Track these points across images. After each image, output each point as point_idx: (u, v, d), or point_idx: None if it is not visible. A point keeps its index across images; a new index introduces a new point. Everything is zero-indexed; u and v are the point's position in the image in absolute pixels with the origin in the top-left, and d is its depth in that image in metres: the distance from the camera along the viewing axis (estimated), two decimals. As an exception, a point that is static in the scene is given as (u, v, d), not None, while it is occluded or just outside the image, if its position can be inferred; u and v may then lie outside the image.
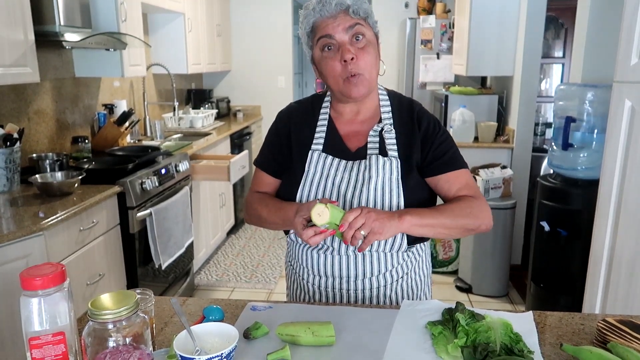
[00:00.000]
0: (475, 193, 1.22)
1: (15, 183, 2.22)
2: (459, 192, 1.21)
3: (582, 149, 2.44)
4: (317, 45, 1.17)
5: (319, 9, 1.14)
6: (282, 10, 5.33)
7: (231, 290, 3.45)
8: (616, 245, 1.95)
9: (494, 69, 3.63)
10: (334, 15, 1.13)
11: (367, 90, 1.18)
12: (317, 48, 1.17)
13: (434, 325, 1.02)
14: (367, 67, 1.15)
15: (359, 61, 1.14)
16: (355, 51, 1.13)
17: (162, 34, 4.11)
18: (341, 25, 1.13)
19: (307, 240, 1.07)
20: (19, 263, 1.75)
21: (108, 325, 0.78)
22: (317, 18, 1.15)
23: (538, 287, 2.74)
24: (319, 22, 1.15)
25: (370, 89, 1.20)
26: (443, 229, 1.15)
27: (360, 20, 1.15)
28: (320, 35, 1.15)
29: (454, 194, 1.22)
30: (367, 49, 1.15)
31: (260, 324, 1.03)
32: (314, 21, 1.16)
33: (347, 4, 1.13)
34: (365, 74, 1.15)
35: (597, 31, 2.44)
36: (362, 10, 1.15)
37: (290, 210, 1.16)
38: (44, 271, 0.79)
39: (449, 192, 1.22)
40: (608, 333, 0.96)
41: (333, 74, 1.16)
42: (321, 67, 1.19)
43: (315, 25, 1.16)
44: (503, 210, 3.18)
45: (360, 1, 1.15)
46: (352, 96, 1.17)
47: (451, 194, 1.22)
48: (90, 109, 3.22)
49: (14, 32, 2.06)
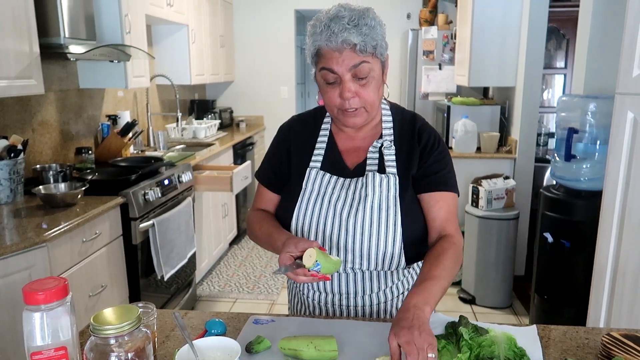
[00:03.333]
0: (456, 229, 1.18)
1: (19, 194, 2.23)
2: (442, 228, 1.17)
3: (585, 160, 2.43)
4: (319, 72, 1.13)
5: (326, 37, 1.08)
6: (285, 21, 5.37)
7: (233, 302, 3.44)
8: (620, 256, 1.94)
9: (496, 80, 3.64)
10: (339, 50, 1.08)
11: (365, 120, 1.17)
12: (319, 75, 1.14)
13: (438, 340, 1.01)
14: (367, 101, 1.13)
15: (359, 97, 1.12)
16: (356, 89, 1.11)
17: (166, 45, 4.14)
18: (345, 62, 1.08)
19: (293, 278, 1.03)
20: (22, 274, 1.75)
21: (110, 341, 0.77)
22: (322, 45, 1.10)
23: (542, 299, 2.72)
24: (324, 50, 1.10)
25: (369, 119, 1.19)
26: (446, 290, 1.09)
27: (366, 58, 1.09)
28: (323, 66, 1.11)
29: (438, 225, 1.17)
30: (369, 85, 1.12)
31: (263, 337, 1.03)
32: (319, 46, 1.10)
33: (353, 43, 1.07)
34: (364, 107, 1.14)
35: (599, 42, 2.45)
36: (370, 46, 1.09)
37: (279, 240, 1.13)
38: (47, 285, 0.79)
39: (434, 219, 1.18)
40: (613, 348, 0.96)
41: (331, 103, 1.15)
42: (321, 91, 1.17)
43: (320, 52, 1.11)
44: (506, 221, 3.17)
45: (369, 37, 1.08)
46: (348, 126, 1.17)
47: (435, 222, 1.18)
48: (94, 120, 3.24)
49: (19, 44, 2.08)
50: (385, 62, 1.16)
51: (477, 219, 3.21)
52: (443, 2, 4.96)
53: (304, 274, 1.02)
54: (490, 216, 3.18)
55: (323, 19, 1.10)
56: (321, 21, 1.10)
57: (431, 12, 4.78)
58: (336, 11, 1.09)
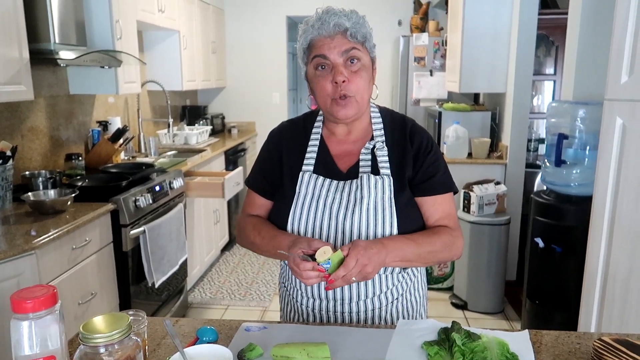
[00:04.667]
0: (454, 224, 1.24)
1: (8, 201, 2.20)
2: (440, 221, 1.22)
3: (575, 165, 2.45)
4: (311, 62, 1.17)
5: (318, 26, 1.14)
6: (276, 27, 5.38)
7: (225, 309, 3.41)
8: (610, 261, 1.95)
9: (487, 86, 3.67)
10: (331, 36, 1.13)
11: (355, 113, 1.18)
12: (311, 65, 1.17)
13: (430, 346, 1.01)
14: (358, 91, 1.16)
15: (351, 84, 1.14)
16: (347, 74, 1.14)
17: (157, 51, 4.13)
18: (337, 47, 1.13)
19: (303, 274, 1.04)
20: (10, 282, 1.73)
21: (100, 349, 0.76)
22: (314, 36, 1.15)
23: (533, 304, 2.73)
24: (316, 40, 1.15)
25: (359, 113, 1.20)
26: (420, 263, 1.18)
27: (357, 45, 1.14)
28: (315, 54, 1.15)
29: (436, 221, 1.22)
30: (360, 73, 1.16)
31: (255, 345, 1.02)
32: (312, 38, 1.16)
33: (345, 26, 1.13)
34: (355, 97, 1.16)
35: (588, 49, 2.48)
36: (360, 34, 1.14)
37: (286, 240, 1.14)
38: (35, 294, 0.78)
39: (432, 216, 1.23)
40: (604, 353, 0.96)
41: (323, 93, 1.17)
42: (313, 85, 1.19)
43: (312, 43, 1.16)
44: (497, 227, 3.19)
45: (359, 25, 1.15)
46: (339, 117, 1.18)
47: (433, 219, 1.23)
48: (84, 126, 3.22)
49: (8, 50, 2.06)
50: (374, 60, 1.21)
51: (468, 225, 3.23)
52: (434, 9, 5.00)
53: (313, 267, 1.03)
54: (481, 221, 3.19)
55: (314, 15, 1.17)
56: (313, 17, 1.17)
57: (422, 19, 4.81)
58: (327, 8, 1.16)
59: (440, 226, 1.22)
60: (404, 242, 1.14)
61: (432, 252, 1.17)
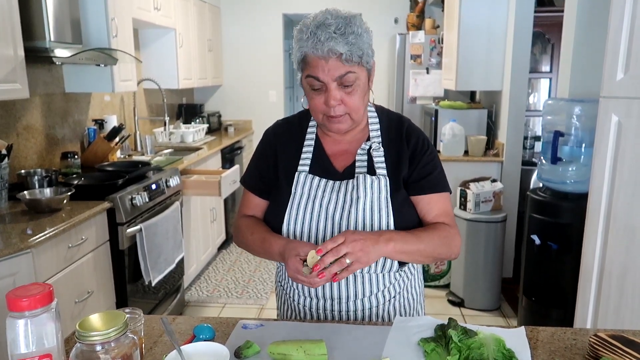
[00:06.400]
0: (452, 222, 1.24)
1: (3, 200, 2.19)
2: (437, 218, 1.22)
3: (571, 162, 2.46)
4: (305, 78, 1.13)
5: (311, 44, 1.06)
6: (273, 26, 5.37)
7: (222, 307, 3.41)
8: (606, 258, 1.96)
9: (483, 84, 3.67)
10: (325, 58, 1.07)
11: (349, 127, 1.18)
12: (305, 81, 1.13)
13: (427, 342, 1.01)
14: (352, 108, 1.13)
15: (344, 105, 1.12)
16: (341, 96, 1.11)
17: (153, 49, 4.12)
18: (331, 71, 1.07)
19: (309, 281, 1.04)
20: (6, 281, 1.73)
21: (96, 347, 0.76)
22: (308, 52, 1.08)
23: (530, 301, 2.74)
24: (310, 57, 1.09)
25: (354, 125, 1.19)
26: (420, 257, 1.17)
27: (352, 68, 1.08)
28: (309, 74, 1.10)
29: (432, 219, 1.22)
30: (355, 92, 1.11)
31: (252, 342, 1.02)
32: (306, 53, 1.09)
33: (339, 52, 1.06)
34: (349, 114, 1.14)
35: (583, 47, 2.48)
36: (356, 56, 1.07)
37: (275, 244, 1.14)
38: (31, 292, 0.78)
39: (428, 215, 1.22)
40: (600, 348, 0.96)
41: (316, 109, 1.15)
42: (307, 96, 1.17)
43: (306, 59, 1.10)
44: (494, 224, 3.20)
45: (356, 46, 1.07)
46: (332, 131, 1.17)
47: (429, 217, 1.22)
48: (80, 124, 3.20)
49: (3, 48, 2.05)
50: (371, 69, 1.16)
51: (465, 222, 3.23)
52: (430, 7, 5.00)
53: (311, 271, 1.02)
54: (478, 219, 3.20)
55: (310, 25, 1.08)
56: (308, 27, 1.08)
57: (418, 16, 4.81)
58: (323, 18, 1.07)
59: (438, 223, 1.22)
60: (404, 233, 1.14)
61: (431, 246, 1.16)
